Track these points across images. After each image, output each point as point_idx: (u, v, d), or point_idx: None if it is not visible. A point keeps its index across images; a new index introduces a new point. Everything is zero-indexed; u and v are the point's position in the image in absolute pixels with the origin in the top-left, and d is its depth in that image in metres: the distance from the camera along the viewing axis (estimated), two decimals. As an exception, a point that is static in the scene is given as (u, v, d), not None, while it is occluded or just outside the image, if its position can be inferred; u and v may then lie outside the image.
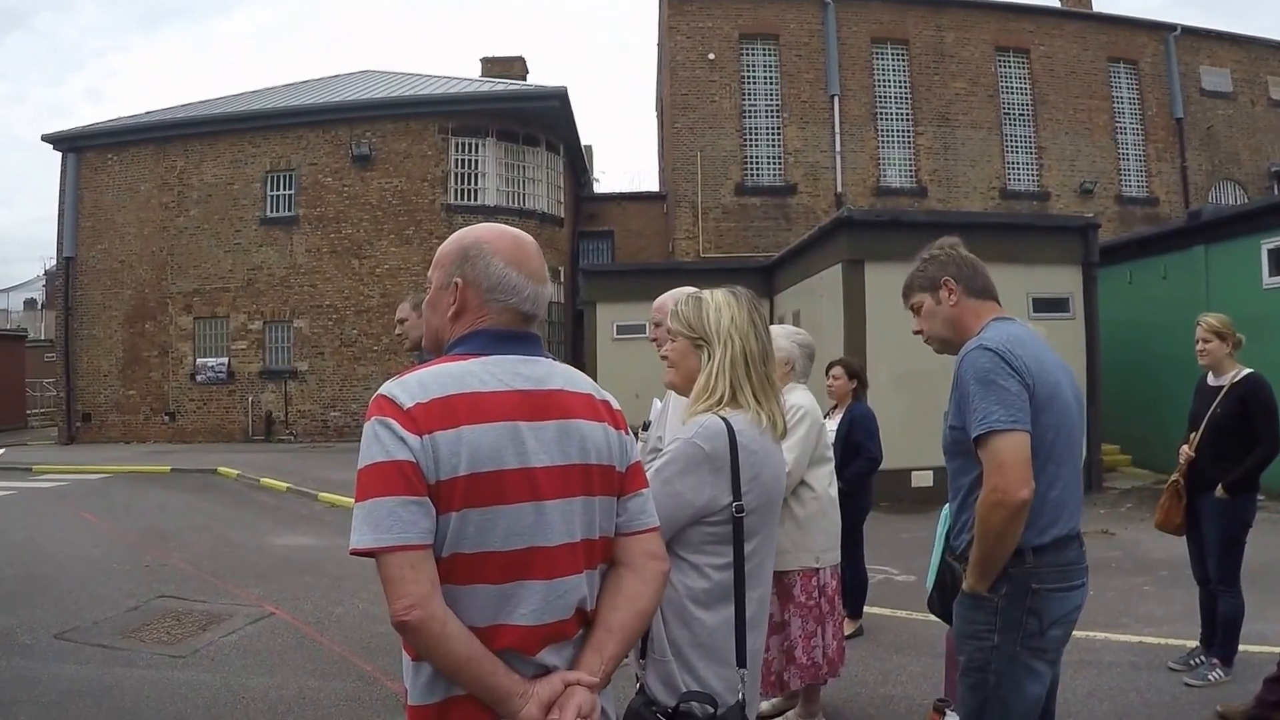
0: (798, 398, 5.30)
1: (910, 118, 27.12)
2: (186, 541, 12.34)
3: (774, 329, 5.01)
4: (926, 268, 3.69)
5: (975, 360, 3.30)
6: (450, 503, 2.03)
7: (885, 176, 26.93)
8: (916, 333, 3.80)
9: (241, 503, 16.25)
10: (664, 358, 3.41)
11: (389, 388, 2.12)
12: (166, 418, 28.01)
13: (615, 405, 2.42)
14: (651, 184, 36.57)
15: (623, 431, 2.37)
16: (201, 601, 9.09)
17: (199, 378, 27.77)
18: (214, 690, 6.60)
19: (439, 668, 2.04)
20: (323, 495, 16.02)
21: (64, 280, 29.52)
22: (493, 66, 34.66)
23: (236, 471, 19.67)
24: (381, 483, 2.00)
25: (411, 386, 2.09)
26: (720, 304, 3.10)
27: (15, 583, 9.94)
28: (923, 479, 13.33)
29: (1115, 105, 28.31)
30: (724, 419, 2.89)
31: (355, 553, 2.02)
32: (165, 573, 10.37)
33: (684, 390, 3.21)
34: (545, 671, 2.12)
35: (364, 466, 2.05)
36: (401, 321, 5.74)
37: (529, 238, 2.40)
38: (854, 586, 7.36)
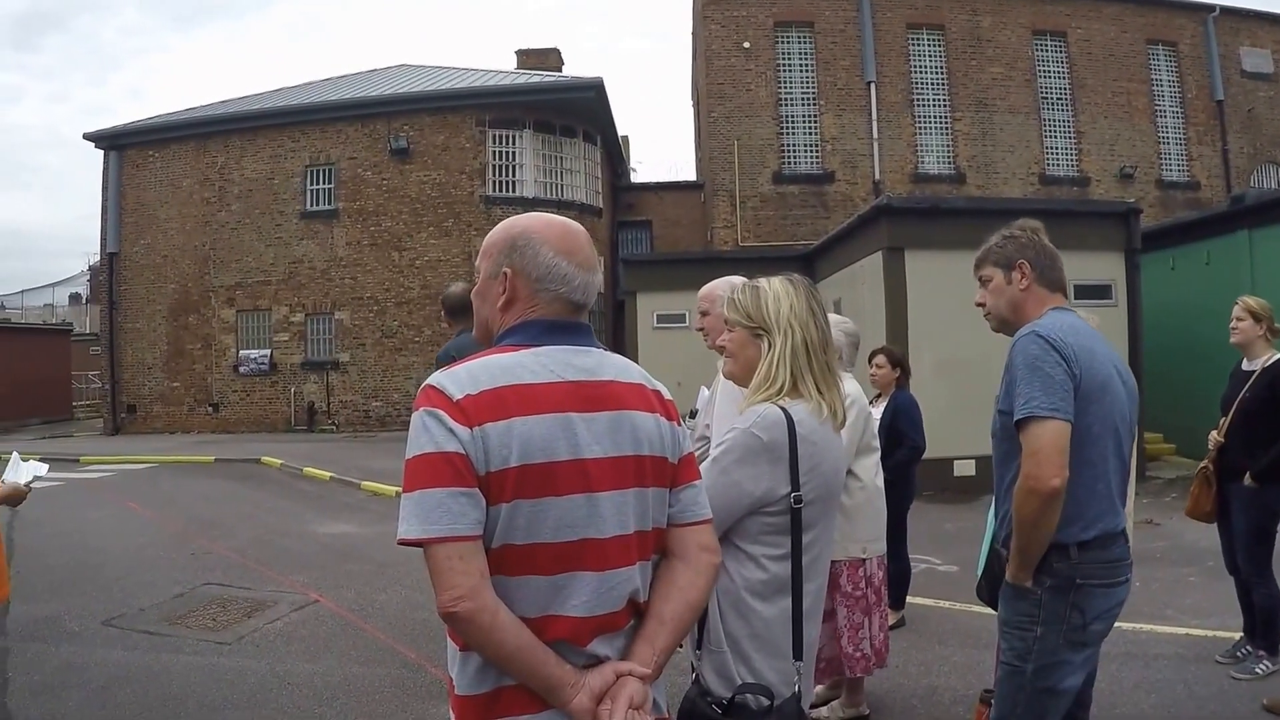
0: (845, 386, 5.18)
1: (947, 103, 26.81)
2: (231, 530, 12.49)
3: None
4: (1005, 245, 3.64)
5: (1025, 346, 3.28)
6: (501, 494, 2.02)
7: (923, 163, 26.65)
8: (979, 304, 3.74)
9: (285, 492, 16.38)
10: (721, 347, 3.36)
11: (438, 379, 2.11)
12: (210, 409, 28.37)
13: (667, 395, 2.38)
14: (689, 173, 36.65)
15: (675, 422, 2.34)
16: (246, 589, 9.21)
17: (242, 369, 28.11)
18: (259, 676, 6.68)
19: (489, 658, 2.03)
20: (365, 484, 16.08)
21: (108, 275, 29.99)
22: (528, 58, 34.80)
23: (280, 461, 19.84)
24: (430, 473, 2.00)
25: (461, 378, 2.09)
26: (779, 292, 3.06)
27: (63, 571, 10.08)
28: (965, 468, 13.22)
29: (1154, 88, 27.87)
30: (783, 409, 2.87)
31: (403, 543, 2.02)
32: (210, 560, 10.51)
33: (744, 380, 3.16)
34: (596, 662, 2.11)
35: (412, 457, 2.05)
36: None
37: (578, 226, 2.37)
38: (897, 577, 7.25)
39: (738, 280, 3.44)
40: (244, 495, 15.96)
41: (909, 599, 7.82)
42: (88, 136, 30.04)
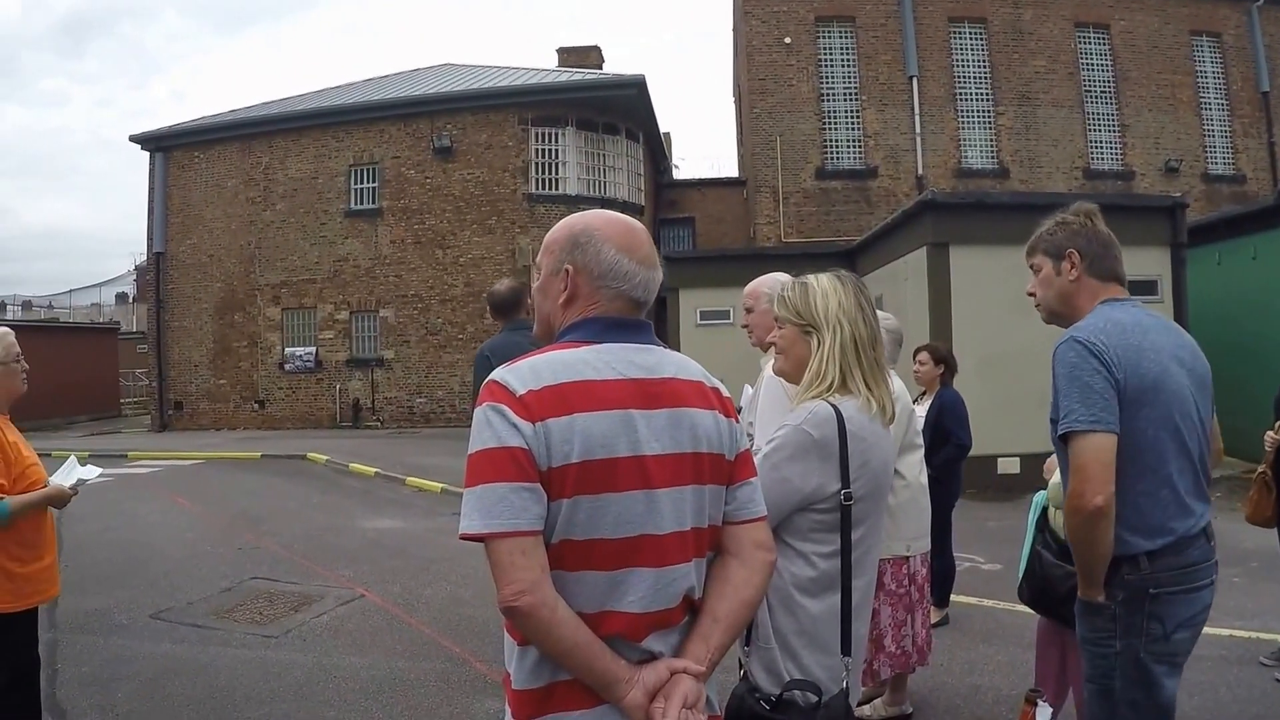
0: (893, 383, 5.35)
1: (990, 98, 26.60)
2: (277, 525, 12.67)
3: None
4: (1056, 233, 3.48)
5: (1064, 354, 3.18)
6: (562, 489, 2.03)
7: (966, 158, 26.46)
8: (1030, 294, 3.61)
9: (331, 487, 16.54)
10: (765, 344, 3.44)
11: (501, 374, 2.13)
12: (256, 405, 28.78)
13: (725, 392, 2.38)
14: (731, 169, 36.59)
15: (732, 419, 2.34)
16: (293, 583, 9.37)
17: (287, 366, 28.49)
18: (306, 670, 6.80)
19: (547, 652, 2.05)
20: (410, 480, 16.23)
21: (154, 275, 30.50)
22: (569, 57, 34.91)
23: (325, 457, 20.08)
24: (493, 468, 2.02)
25: (524, 373, 2.10)
26: (827, 289, 3.07)
27: (112, 565, 10.26)
28: (1009, 466, 13.15)
29: (1199, 80, 27.45)
30: (833, 405, 2.88)
31: (465, 537, 2.04)
32: (257, 555, 10.69)
33: (794, 377, 3.17)
34: (651, 658, 2.12)
35: (475, 452, 2.07)
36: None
37: (638, 224, 2.38)
38: (941, 575, 7.23)
39: (783, 277, 3.49)
40: (290, 491, 16.18)
41: (953, 597, 7.83)
42: (133, 139, 30.51)
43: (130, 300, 55.11)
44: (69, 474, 4.97)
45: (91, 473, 5.10)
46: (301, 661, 6.95)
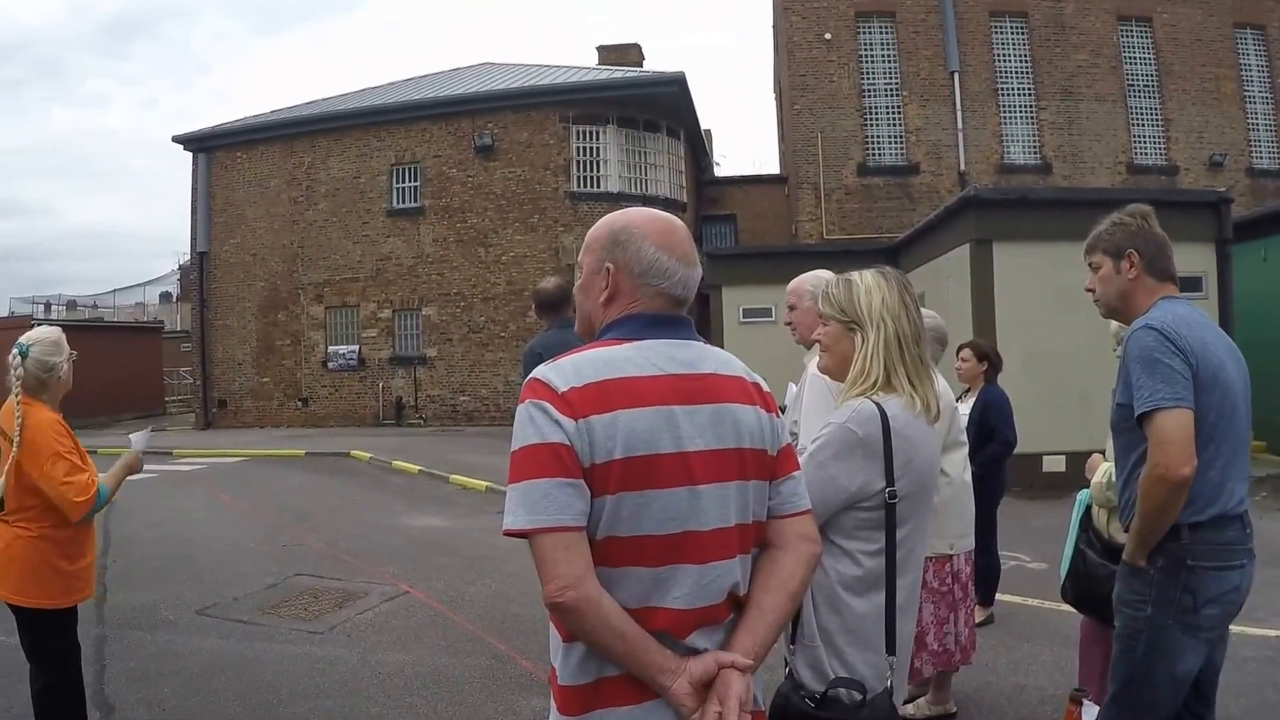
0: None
1: (1032, 92, 26.48)
2: (321, 522, 12.83)
3: None
4: (1115, 233, 3.64)
5: (1140, 339, 3.34)
6: (605, 486, 2.05)
7: (1009, 153, 26.35)
8: (1089, 290, 3.77)
9: (374, 485, 16.72)
10: (809, 342, 3.53)
11: (543, 371, 2.15)
12: (299, 403, 29.13)
13: (765, 388, 2.40)
14: (772, 166, 36.63)
15: (774, 414, 2.36)
16: (337, 580, 9.48)
17: (330, 365, 28.82)
18: (351, 665, 6.88)
19: (592, 645, 2.07)
20: (454, 478, 16.30)
21: (198, 274, 30.89)
22: (609, 54, 35.15)
23: (369, 455, 20.29)
24: (536, 465, 2.04)
25: (566, 370, 2.12)
26: (871, 286, 3.09)
27: (158, 561, 10.41)
28: (1054, 464, 13.02)
29: (1243, 73, 27.20)
30: (877, 403, 2.89)
31: (509, 533, 2.07)
32: (302, 552, 10.83)
33: (839, 375, 3.20)
34: (696, 654, 2.12)
35: (518, 449, 2.09)
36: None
37: (678, 221, 2.39)
38: (986, 573, 7.20)
39: (826, 275, 3.55)
40: (334, 488, 16.37)
41: (997, 596, 7.79)
42: (177, 139, 31.01)
43: (174, 299, 55.57)
44: (143, 438, 5.19)
45: (143, 439, 5.22)
46: (346, 657, 7.07)
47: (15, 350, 4.67)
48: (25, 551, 4.58)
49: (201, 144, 30.85)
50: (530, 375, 2.18)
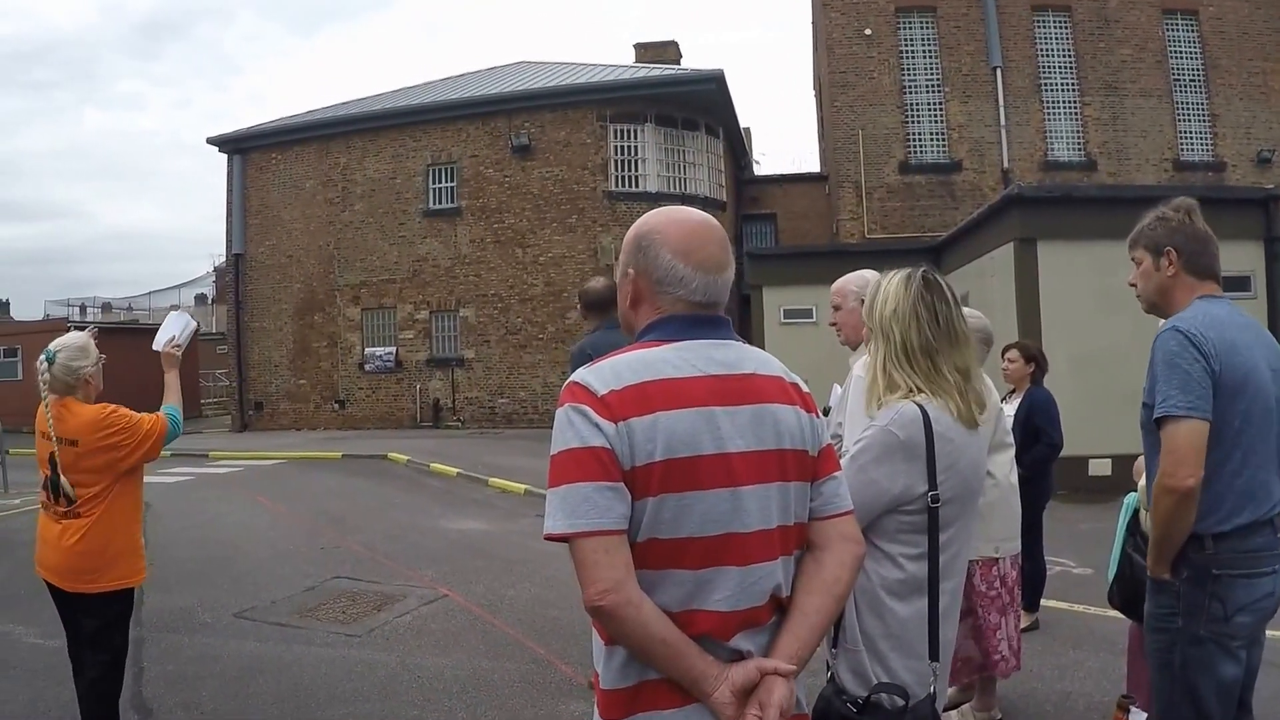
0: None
1: (1076, 88, 26.23)
2: (359, 525, 12.93)
3: None
4: (1156, 228, 3.59)
5: (1165, 342, 3.30)
6: (646, 488, 2.05)
7: (1053, 150, 26.10)
8: (1131, 284, 3.73)
9: (412, 487, 16.84)
10: (860, 342, 3.52)
11: (582, 375, 2.15)
12: (336, 405, 29.36)
13: (805, 388, 2.39)
14: (812, 165, 36.59)
15: (814, 414, 2.35)
16: (376, 583, 9.55)
17: (367, 367, 29.02)
18: (389, 669, 6.92)
19: (633, 650, 2.07)
20: (493, 480, 16.37)
21: (234, 276, 31.26)
22: (646, 52, 35.20)
23: (406, 457, 20.41)
24: (576, 468, 2.05)
25: (605, 373, 2.13)
26: (889, 293, 3.08)
27: (195, 563, 10.52)
28: (1100, 467, 12.98)
29: None
30: (920, 405, 2.88)
31: (549, 538, 2.07)
32: (339, 555, 10.90)
33: None
34: (739, 657, 2.12)
35: (557, 453, 2.10)
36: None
37: (706, 224, 2.37)
38: (1032, 578, 7.13)
39: (871, 275, 3.51)
40: (371, 491, 16.51)
41: (1042, 602, 7.72)
42: (211, 141, 31.39)
43: (209, 301, 56.17)
44: (164, 335, 5.60)
45: (178, 324, 5.69)
46: (385, 661, 7.11)
47: (43, 356, 4.91)
48: (105, 536, 4.86)
49: (236, 145, 31.21)
50: (569, 379, 2.20)
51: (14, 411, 25.61)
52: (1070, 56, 26.52)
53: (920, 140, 26.61)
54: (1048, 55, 26.59)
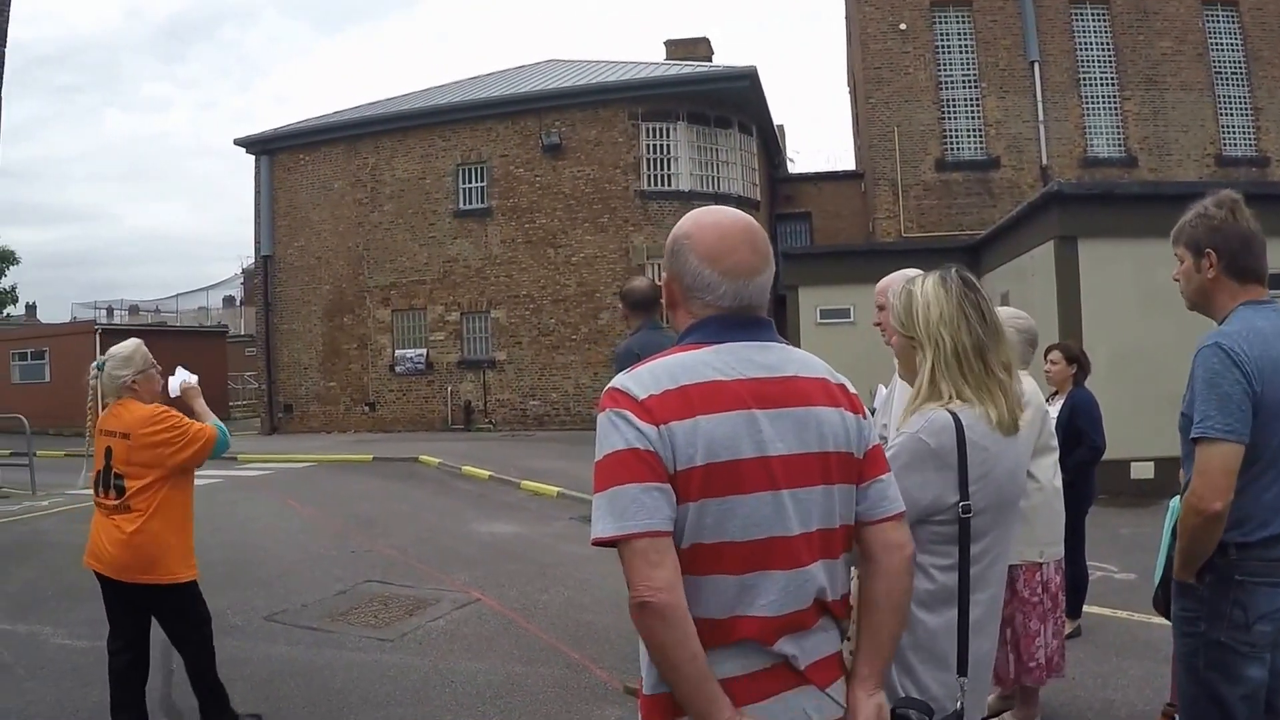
0: (1021, 385, 5.13)
1: (1115, 82, 26.00)
2: (391, 528, 12.98)
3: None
4: (1197, 226, 3.50)
5: (1207, 359, 3.25)
6: (688, 493, 2.06)
7: (1092, 146, 25.89)
8: (1175, 279, 3.64)
9: (443, 490, 16.87)
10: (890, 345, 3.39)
11: (621, 380, 2.17)
12: (366, 408, 29.48)
13: (851, 389, 2.39)
14: (847, 163, 36.38)
15: (860, 415, 2.35)
16: (408, 587, 9.57)
17: (398, 369, 29.11)
18: (422, 674, 6.91)
19: (662, 660, 2.06)
20: (525, 483, 16.34)
21: (263, 278, 31.40)
22: (676, 49, 35.03)
23: (438, 460, 20.42)
24: (623, 470, 2.06)
25: (644, 378, 2.14)
26: (930, 298, 2.98)
27: (225, 566, 10.31)
28: (1142, 470, 12.83)
29: None
30: (952, 413, 2.81)
31: (598, 543, 2.07)
32: (371, 558, 10.92)
33: (914, 382, 3.10)
34: (783, 661, 2.14)
35: (602, 457, 2.11)
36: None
37: (741, 225, 2.35)
38: (1074, 584, 6.97)
39: (914, 274, 3.33)
40: (403, 494, 16.55)
41: (1084, 608, 7.62)
42: (239, 142, 31.70)
43: (237, 303, 56.69)
44: (176, 382, 5.93)
45: (180, 377, 5.97)
46: (418, 665, 7.11)
47: (94, 364, 5.61)
48: (155, 531, 5.35)
49: (264, 146, 31.47)
50: (610, 384, 2.21)
51: (42, 414, 25.90)
52: (1109, 50, 26.28)
53: (957, 137, 26.47)
54: (1086, 49, 26.37)
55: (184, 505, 5.58)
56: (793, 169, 37.08)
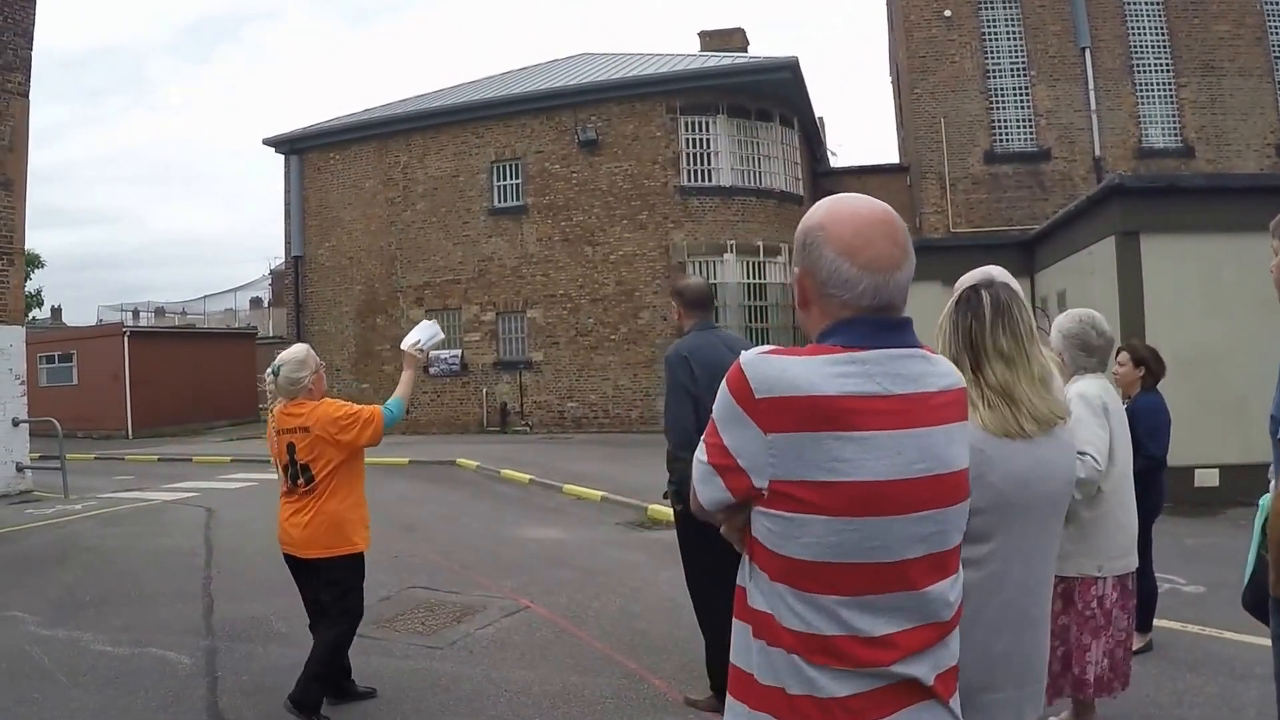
0: (1078, 387, 5.11)
1: (1170, 68, 25.70)
2: (433, 533, 13.05)
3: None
4: None
5: None
6: (805, 507, 2.02)
7: (1147, 136, 25.64)
8: (1273, 271, 3.50)
9: (483, 494, 16.90)
10: None
11: (752, 367, 2.10)
12: (400, 410, 29.48)
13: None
14: (891, 156, 36.36)
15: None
16: (454, 593, 9.52)
17: (432, 370, 29.10)
18: (475, 683, 6.85)
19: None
20: (567, 487, 16.34)
21: (294, 278, 31.66)
22: (711, 40, 35.09)
23: (475, 463, 20.48)
24: (713, 446, 2.15)
25: (770, 376, 2.07)
26: (947, 308, 3.04)
27: (265, 571, 10.05)
28: (1207, 478, 12.43)
29: None
30: None
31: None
32: (414, 564, 10.88)
33: None
34: (901, 681, 2.08)
35: (710, 422, 2.19)
36: None
37: (876, 216, 2.22)
38: (1143, 597, 6.55)
39: (995, 271, 3.27)
40: (441, 497, 16.60)
41: (1154, 622, 7.35)
42: (267, 142, 32.00)
43: (265, 304, 57.04)
44: (418, 331, 6.53)
45: (426, 331, 6.58)
46: (470, 674, 7.06)
47: (270, 369, 6.29)
48: (339, 508, 6.29)
49: (293, 146, 31.73)
50: (736, 364, 2.13)
51: (71, 416, 26.10)
52: (1163, 35, 25.98)
53: (1006, 128, 26.30)
54: (1139, 33, 26.09)
55: (358, 478, 6.46)
56: (835, 163, 36.83)
